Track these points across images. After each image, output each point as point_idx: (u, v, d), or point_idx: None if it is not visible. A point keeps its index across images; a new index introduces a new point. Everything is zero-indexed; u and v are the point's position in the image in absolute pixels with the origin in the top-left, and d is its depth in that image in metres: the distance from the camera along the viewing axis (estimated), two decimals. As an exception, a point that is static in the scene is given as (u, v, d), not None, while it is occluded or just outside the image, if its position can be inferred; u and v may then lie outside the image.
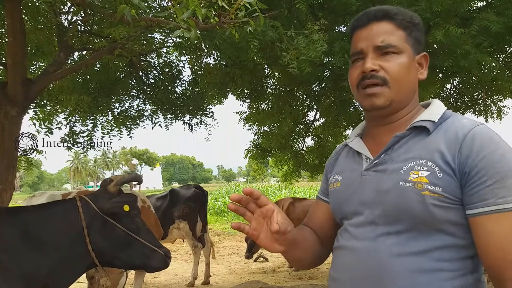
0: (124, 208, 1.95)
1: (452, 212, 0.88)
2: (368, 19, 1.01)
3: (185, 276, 6.64)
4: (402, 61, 0.98)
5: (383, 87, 0.97)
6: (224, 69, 5.40)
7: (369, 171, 0.99)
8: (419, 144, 0.94)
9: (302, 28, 3.95)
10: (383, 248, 0.91)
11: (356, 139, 1.10)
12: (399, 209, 0.91)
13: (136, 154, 75.90)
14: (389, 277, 0.89)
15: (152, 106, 6.04)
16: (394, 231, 0.91)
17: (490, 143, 0.87)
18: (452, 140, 0.90)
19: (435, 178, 0.88)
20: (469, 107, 6.98)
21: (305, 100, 7.28)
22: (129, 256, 1.98)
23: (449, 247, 0.89)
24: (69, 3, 4.42)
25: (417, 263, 0.88)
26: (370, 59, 0.98)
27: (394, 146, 0.98)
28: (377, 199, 0.95)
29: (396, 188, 0.91)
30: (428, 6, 3.84)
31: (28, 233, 1.85)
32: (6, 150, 3.70)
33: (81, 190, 5.03)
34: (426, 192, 0.87)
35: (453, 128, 0.93)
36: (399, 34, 0.99)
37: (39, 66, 5.47)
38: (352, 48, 1.04)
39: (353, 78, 1.02)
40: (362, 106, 1.02)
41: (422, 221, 0.89)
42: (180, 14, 1.95)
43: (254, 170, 9.70)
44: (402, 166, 0.93)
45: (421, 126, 0.96)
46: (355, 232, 0.98)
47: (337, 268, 1.02)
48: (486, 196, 0.85)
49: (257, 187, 25.08)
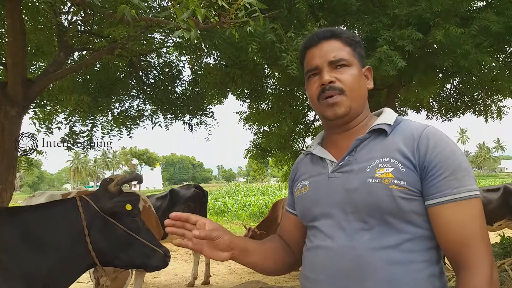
0: (126, 207, 1.94)
1: (416, 203, 0.96)
2: (318, 39, 1.12)
3: (185, 276, 6.64)
4: (354, 72, 1.09)
5: (341, 95, 1.07)
6: (224, 69, 5.40)
7: (336, 173, 1.07)
8: (379, 145, 1.04)
9: (302, 28, 3.95)
10: (359, 244, 0.97)
11: (317, 147, 1.17)
12: (369, 205, 0.98)
13: (136, 154, 75.89)
14: (369, 270, 0.94)
15: (152, 106, 6.04)
16: (368, 227, 0.98)
17: (441, 141, 0.99)
18: (408, 139, 1.01)
19: (399, 173, 0.97)
20: (469, 107, 6.99)
21: (305, 100, 7.28)
22: (129, 256, 1.97)
23: (418, 238, 0.97)
24: (69, 3, 4.42)
25: (392, 256, 0.95)
26: (326, 73, 1.08)
27: (356, 148, 1.07)
28: (346, 198, 1.01)
29: (364, 185, 0.99)
30: (428, 6, 3.84)
31: (28, 233, 1.85)
32: (6, 150, 3.70)
33: (81, 190, 5.03)
34: (393, 186, 0.96)
35: (407, 129, 1.04)
36: (347, 50, 1.10)
37: (39, 66, 5.48)
38: (307, 65, 1.13)
39: (312, 92, 1.11)
40: (325, 116, 1.10)
41: (392, 214, 0.96)
42: (180, 14, 1.95)
43: (254, 170, 9.72)
44: (367, 165, 1.01)
45: (380, 129, 1.06)
46: (329, 232, 1.03)
47: (311, 268, 1.07)
48: (442, 187, 0.94)
49: (257, 187, 25.10)
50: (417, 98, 7.02)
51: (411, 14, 3.94)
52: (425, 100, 7.34)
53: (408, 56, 4.29)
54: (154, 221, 4.09)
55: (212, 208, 16.36)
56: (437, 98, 7.46)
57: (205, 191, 6.31)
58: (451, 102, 7.23)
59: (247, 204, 16.71)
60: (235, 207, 16.57)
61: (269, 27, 3.61)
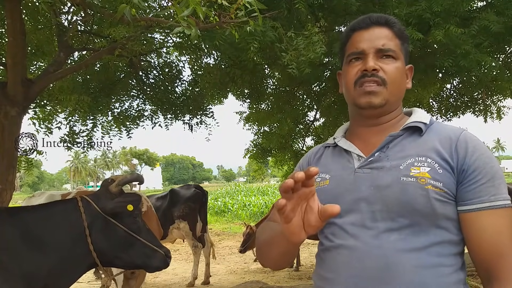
0: (128, 207, 1.94)
1: (449, 207, 0.92)
2: (371, 22, 1.05)
3: (185, 276, 6.64)
4: (399, 66, 1.03)
5: (381, 86, 1.01)
6: (224, 69, 5.40)
7: (364, 168, 1.00)
8: (414, 143, 0.99)
9: (302, 28, 3.94)
10: (387, 245, 0.91)
11: (342, 139, 1.11)
12: (401, 204, 0.91)
13: (136, 154, 75.88)
14: (396, 272, 0.89)
15: (152, 106, 6.03)
16: (396, 227, 0.92)
17: (479, 146, 0.95)
18: (445, 140, 0.96)
19: (436, 174, 0.92)
20: (469, 107, 6.98)
21: (305, 100, 7.28)
22: (130, 256, 1.98)
23: (446, 242, 0.92)
24: (69, 3, 4.42)
25: (420, 258, 0.89)
26: (372, 59, 1.01)
27: (389, 145, 1.01)
28: (376, 194, 0.95)
29: (398, 183, 0.93)
30: (428, 6, 3.84)
31: (28, 233, 1.85)
32: (6, 150, 3.69)
33: (81, 190, 5.03)
34: (429, 186, 0.91)
35: (443, 130, 0.99)
36: (396, 42, 1.04)
37: (39, 66, 5.47)
38: (352, 47, 1.06)
39: (351, 76, 1.04)
40: (357, 103, 1.04)
41: (424, 216, 0.91)
42: (180, 13, 1.95)
43: (254, 170, 9.70)
44: (401, 163, 0.95)
45: (414, 126, 1.01)
46: (352, 230, 0.96)
47: (330, 268, 0.99)
48: (481, 193, 0.90)
49: (257, 187, 25.08)
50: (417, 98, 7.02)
51: (411, 14, 3.94)
52: (425, 100, 7.33)
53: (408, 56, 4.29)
54: (155, 221, 4.09)
55: (212, 208, 16.35)
56: (437, 98, 7.46)
57: (205, 191, 6.31)
58: (451, 102, 7.23)
59: (247, 204, 16.71)
60: (235, 207, 16.57)
61: (269, 25, 3.61)
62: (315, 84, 6.31)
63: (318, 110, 7.41)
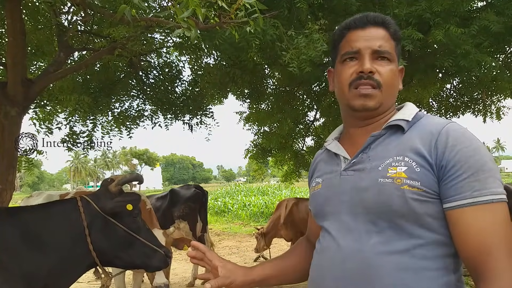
0: (127, 207, 1.94)
1: (431, 206, 0.89)
2: (367, 21, 1.02)
3: (185, 276, 6.64)
4: (393, 69, 1.02)
5: (377, 90, 0.99)
6: (224, 69, 5.39)
7: (348, 171, 1.01)
8: (395, 142, 0.97)
9: (302, 28, 3.94)
10: (367, 247, 0.91)
11: (333, 142, 1.11)
12: (379, 206, 0.91)
13: (136, 154, 75.84)
14: (376, 276, 0.88)
15: (152, 106, 6.03)
16: (377, 229, 0.91)
17: (463, 138, 0.90)
18: (426, 136, 0.92)
19: (413, 173, 0.89)
20: (469, 107, 6.98)
21: (305, 100, 7.28)
22: (130, 256, 1.97)
23: (432, 243, 0.89)
24: (69, 3, 4.42)
25: (402, 261, 0.88)
26: (368, 61, 0.99)
27: (371, 145, 1.00)
28: (356, 197, 0.95)
29: (375, 185, 0.92)
30: (428, 6, 3.84)
31: (28, 233, 1.85)
32: (6, 150, 3.70)
33: (80, 190, 5.03)
34: (405, 186, 0.89)
35: (427, 126, 0.95)
36: (391, 43, 1.03)
37: (39, 66, 5.47)
38: (346, 46, 1.03)
39: (346, 77, 1.02)
40: (351, 106, 1.03)
41: (403, 216, 0.89)
42: (180, 13, 1.95)
43: (254, 170, 9.70)
44: (380, 163, 0.94)
45: (396, 125, 0.99)
46: (336, 233, 0.98)
47: (317, 271, 1.02)
48: (462, 189, 0.86)
49: (257, 187, 25.08)
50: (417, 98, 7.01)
51: (411, 14, 3.94)
52: (425, 100, 7.33)
53: (408, 56, 4.29)
54: (155, 221, 4.09)
55: (212, 208, 16.35)
56: (437, 98, 7.46)
57: (205, 191, 6.30)
58: (451, 102, 7.23)
59: (247, 204, 16.70)
60: (235, 207, 16.57)
61: (270, 23, 3.61)
62: (315, 84, 6.31)
63: (318, 110, 7.41)
